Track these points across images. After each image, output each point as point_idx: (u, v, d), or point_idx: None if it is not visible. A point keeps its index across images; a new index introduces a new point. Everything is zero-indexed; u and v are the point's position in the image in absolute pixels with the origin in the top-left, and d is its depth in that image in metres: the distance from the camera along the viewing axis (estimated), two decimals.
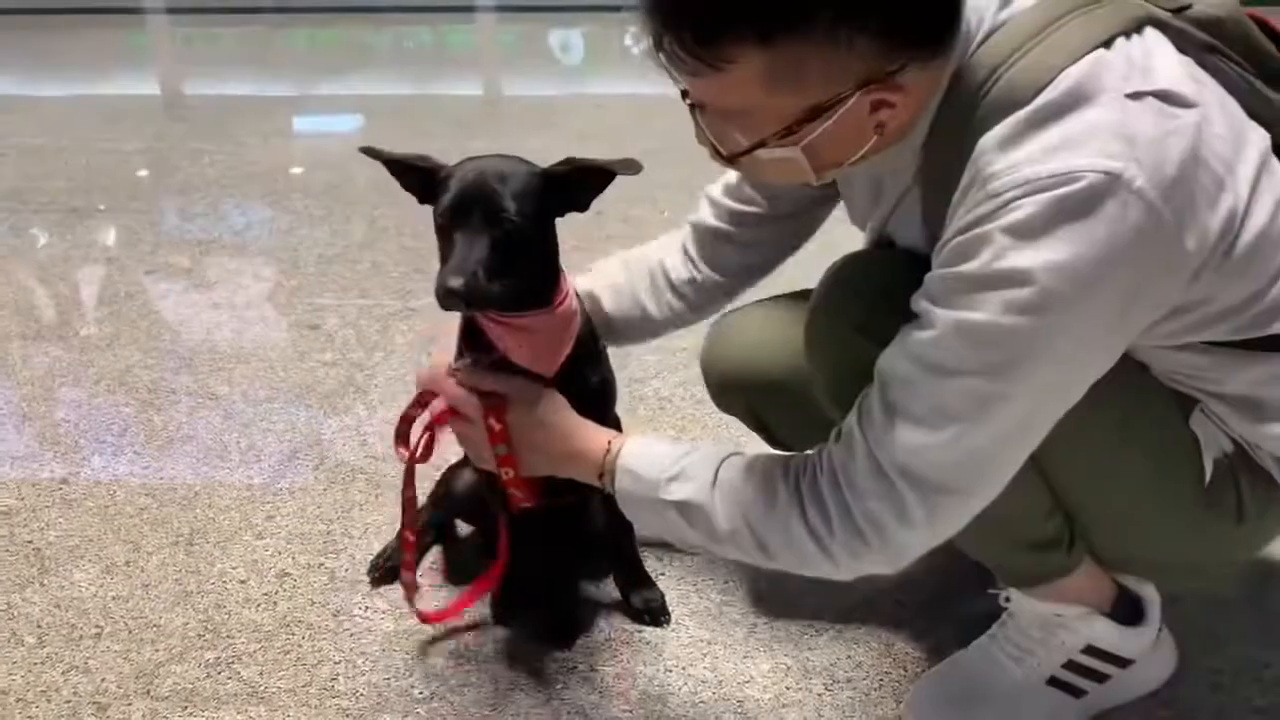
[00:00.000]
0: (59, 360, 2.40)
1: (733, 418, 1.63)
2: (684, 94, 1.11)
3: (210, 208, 3.33)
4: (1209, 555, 1.33)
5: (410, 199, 1.35)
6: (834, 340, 1.22)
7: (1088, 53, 1.01)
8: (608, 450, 1.25)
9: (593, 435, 1.29)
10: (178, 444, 2.06)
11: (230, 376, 2.30)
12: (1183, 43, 1.09)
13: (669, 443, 1.26)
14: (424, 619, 1.51)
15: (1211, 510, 1.23)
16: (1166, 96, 1.00)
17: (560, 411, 1.32)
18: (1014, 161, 0.98)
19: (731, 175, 1.51)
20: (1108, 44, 1.03)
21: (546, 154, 1.35)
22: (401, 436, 1.42)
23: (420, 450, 1.40)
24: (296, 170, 3.66)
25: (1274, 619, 1.55)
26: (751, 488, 1.16)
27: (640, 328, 1.57)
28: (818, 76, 1.01)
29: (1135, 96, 0.99)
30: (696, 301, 1.55)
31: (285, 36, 6.57)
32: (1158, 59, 1.04)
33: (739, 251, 1.54)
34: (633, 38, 6.31)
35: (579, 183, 1.29)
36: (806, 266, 1.53)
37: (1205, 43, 1.11)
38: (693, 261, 1.54)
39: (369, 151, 1.33)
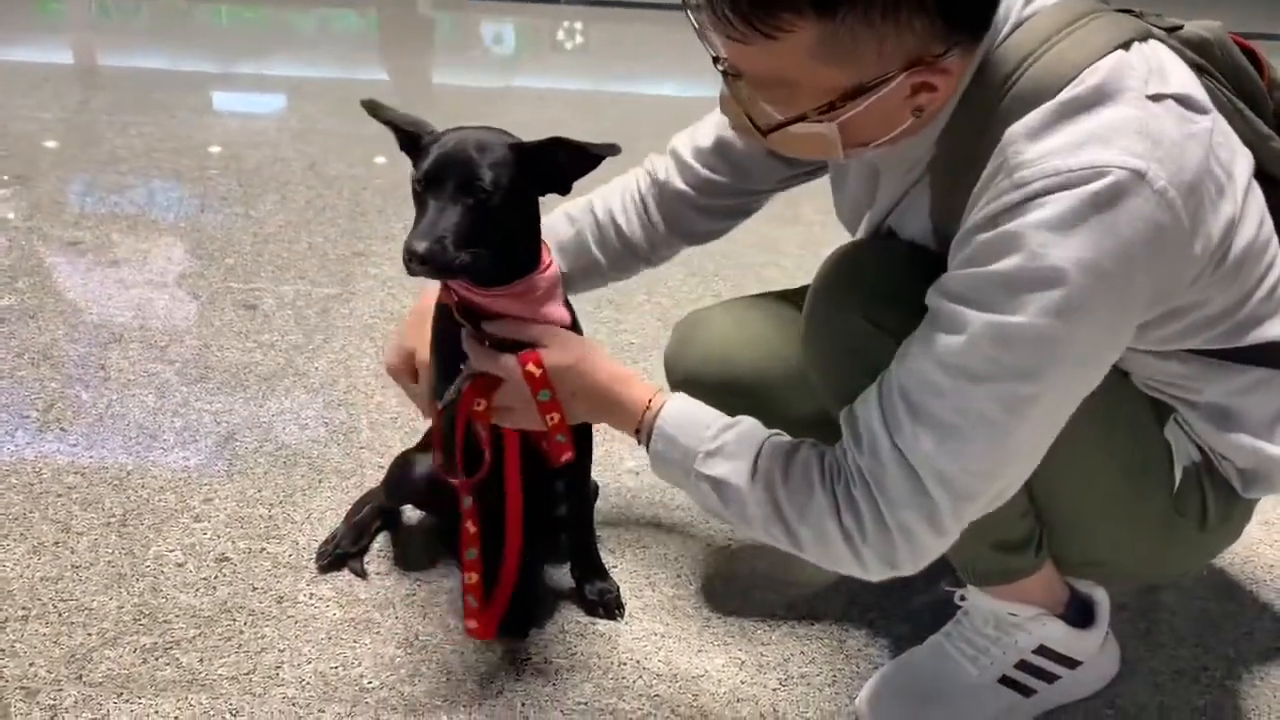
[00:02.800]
0: None
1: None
2: (716, 60, 1.09)
3: (136, 181, 3.21)
4: (1169, 562, 1.37)
5: (342, 185, 1.32)
6: (835, 327, 1.21)
7: (1109, 52, 1.03)
8: (648, 407, 1.24)
9: (634, 386, 1.27)
10: (108, 422, 1.99)
11: (163, 354, 2.22)
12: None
13: (709, 411, 1.24)
14: (479, 635, 1.44)
15: (1178, 518, 1.26)
16: (1185, 101, 1.03)
17: (599, 355, 1.30)
18: (1043, 152, 0.99)
19: (701, 138, 1.50)
20: (1125, 46, 1.04)
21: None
22: (441, 451, 1.38)
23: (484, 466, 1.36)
24: (224, 148, 3.55)
25: (1210, 624, 1.59)
26: (791, 485, 1.15)
27: (590, 279, 1.58)
28: (870, 54, 1.00)
29: (1156, 98, 1.01)
30: (646, 253, 1.56)
31: (206, 12, 6.39)
32: (1169, 65, 1.06)
33: (697, 215, 1.54)
34: (565, 32, 6.29)
35: (558, 161, 1.27)
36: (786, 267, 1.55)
37: (1195, 62, 1.13)
38: (647, 214, 1.54)
39: (369, 105, 1.30)
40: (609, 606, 1.56)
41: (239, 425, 1.99)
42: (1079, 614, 1.39)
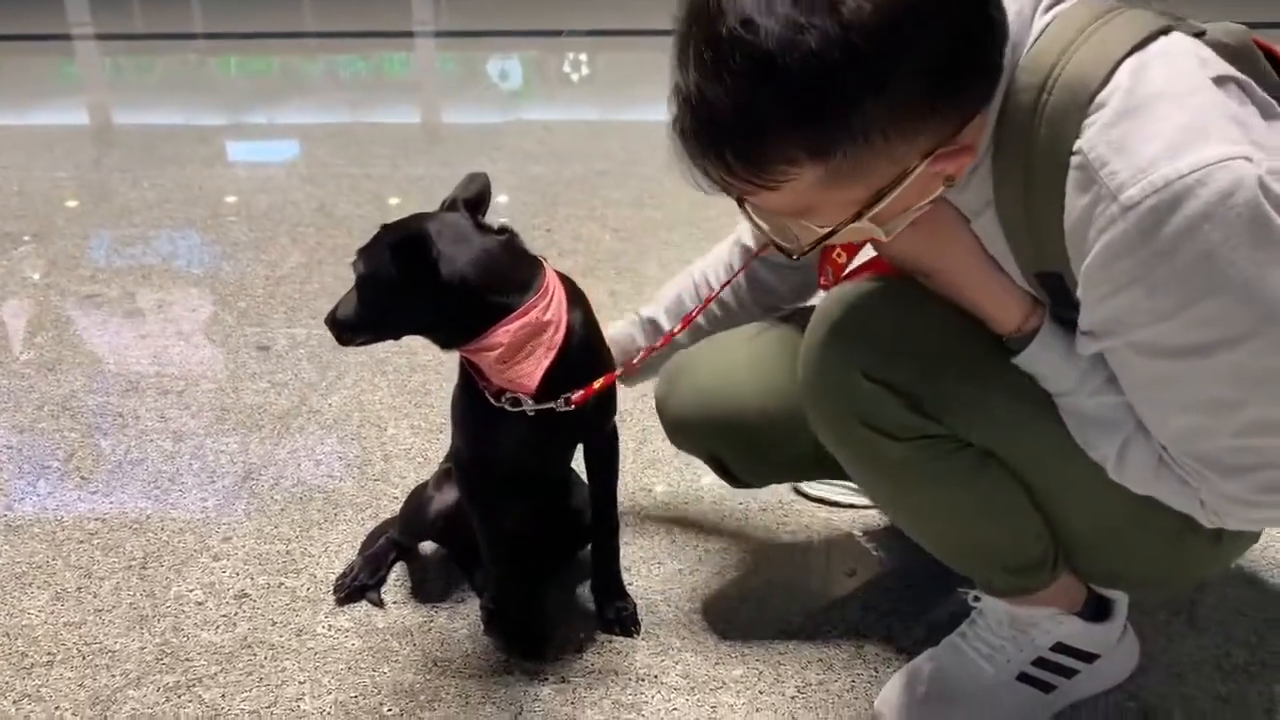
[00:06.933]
0: None
1: None
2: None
3: (150, 233, 3.27)
4: (1187, 572, 1.36)
5: (352, 224, 1.38)
6: (836, 380, 1.20)
7: (1147, 40, 0.99)
8: (1023, 321, 1.15)
9: (1016, 291, 1.16)
10: (127, 468, 2.01)
11: (180, 400, 2.25)
12: None
13: (1071, 363, 1.14)
14: None
15: (1193, 533, 1.23)
16: (1243, 83, 1.01)
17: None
18: (1141, 164, 0.95)
19: None
20: (1165, 32, 1.01)
21: (490, 178, 1.40)
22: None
23: None
24: (236, 196, 3.60)
25: (1231, 611, 1.58)
26: (1158, 486, 1.15)
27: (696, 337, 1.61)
28: (882, 166, 0.97)
29: (1220, 81, 0.99)
30: (738, 314, 1.63)
31: (217, 64, 6.49)
32: (1205, 51, 1.03)
33: (771, 275, 1.60)
34: (571, 64, 6.35)
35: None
36: None
37: None
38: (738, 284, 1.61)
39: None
40: (625, 623, 1.56)
41: (255, 465, 2.01)
42: (1095, 608, 1.38)
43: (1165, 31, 1.02)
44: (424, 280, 1.30)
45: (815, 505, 1.86)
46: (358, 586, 1.65)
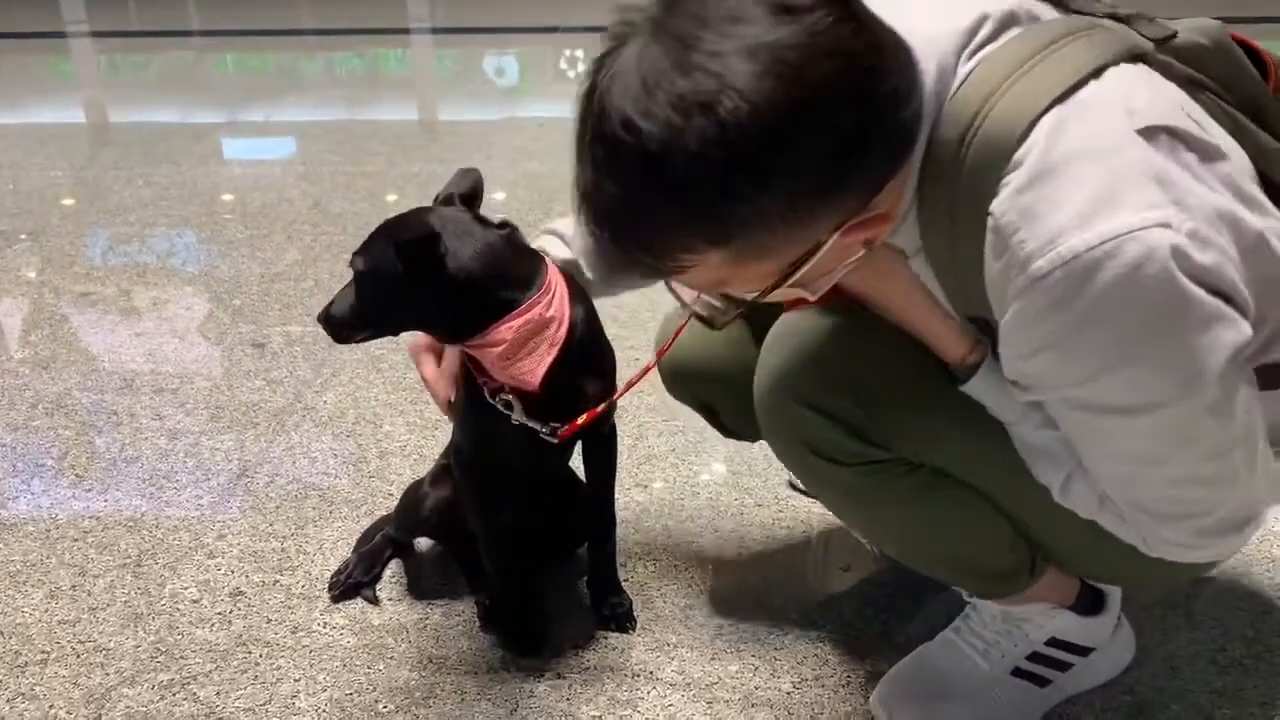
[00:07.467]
0: None
1: (683, 410, 1.63)
2: None
3: (145, 231, 3.26)
4: (1173, 573, 1.34)
5: (348, 221, 1.37)
6: (781, 415, 1.22)
7: (1075, 87, 0.95)
8: (965, 355, 1.14)
9: (958, 326, 1.14)
10: (121, 466, 2.01)
11: (175, 397, 2.25)
12: (1168, 77, 1.03)
13: (1013, 397, 1.12)
14: None
15: None
16: (1176, 132, 0.96)
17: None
18: (1050, 234, 0.91)
19: None
20: (1097, 74, 0.96)
21: (486, 175, 1.40)
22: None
23: None
24: (231, 194, 3.59)
25: (1227, 605, 1.58)
26: (1101, 518, 1.16)
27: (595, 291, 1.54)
28: (789, 244, 0.96)
29: (1148, 134, 0.94)
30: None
31: (213, 62, 6.48)
32: (1146, 91, 0.98)
33: None
34: (567, 60, 6.35)
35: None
36: None
37: (1189, 76, 1.04)
38: None
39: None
40: (621, 619, 1.56)
41: (250, 462, 2.01)
42: (1089, 602, 1.38)
43: (1099, 73, 0.96)
44: (429, 276, 1.29)
45: (811, 500, 1.85)
46: (353, 584, 1.65)
